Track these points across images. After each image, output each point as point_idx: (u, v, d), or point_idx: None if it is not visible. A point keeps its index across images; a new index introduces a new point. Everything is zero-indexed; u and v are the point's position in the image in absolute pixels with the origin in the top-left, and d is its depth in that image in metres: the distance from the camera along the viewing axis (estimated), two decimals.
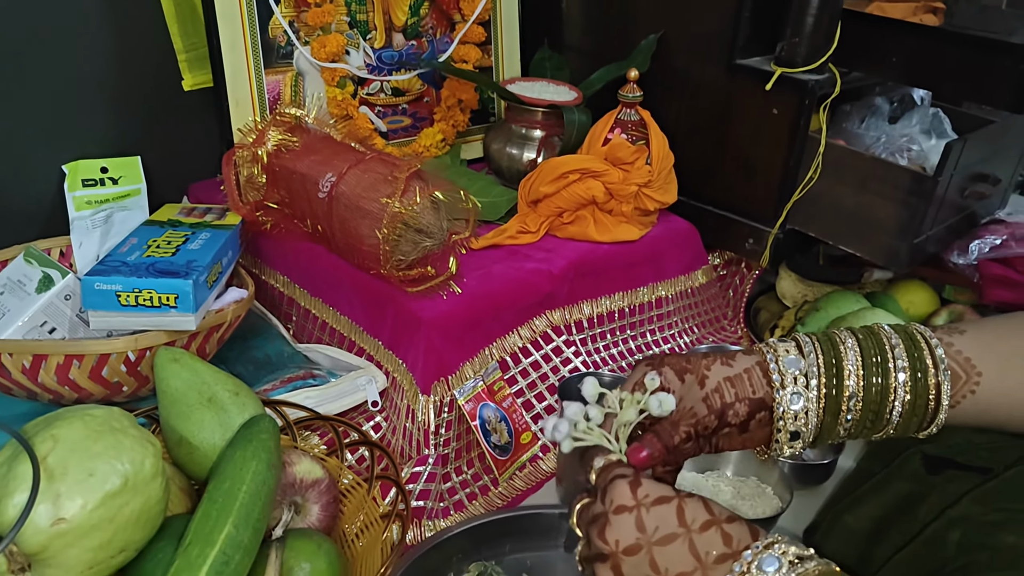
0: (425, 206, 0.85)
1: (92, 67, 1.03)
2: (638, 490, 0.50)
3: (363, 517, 0.75)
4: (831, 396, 0.57)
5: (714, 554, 0.48)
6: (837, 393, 0.57)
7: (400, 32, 1.15)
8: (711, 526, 0.49)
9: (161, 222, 0.93)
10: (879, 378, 0.57)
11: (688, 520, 0.49)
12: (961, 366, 0.58)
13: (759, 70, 1.12)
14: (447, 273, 0.91)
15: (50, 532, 0.53)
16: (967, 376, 0.58)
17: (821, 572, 0.46)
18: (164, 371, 0.71)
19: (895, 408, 0.57)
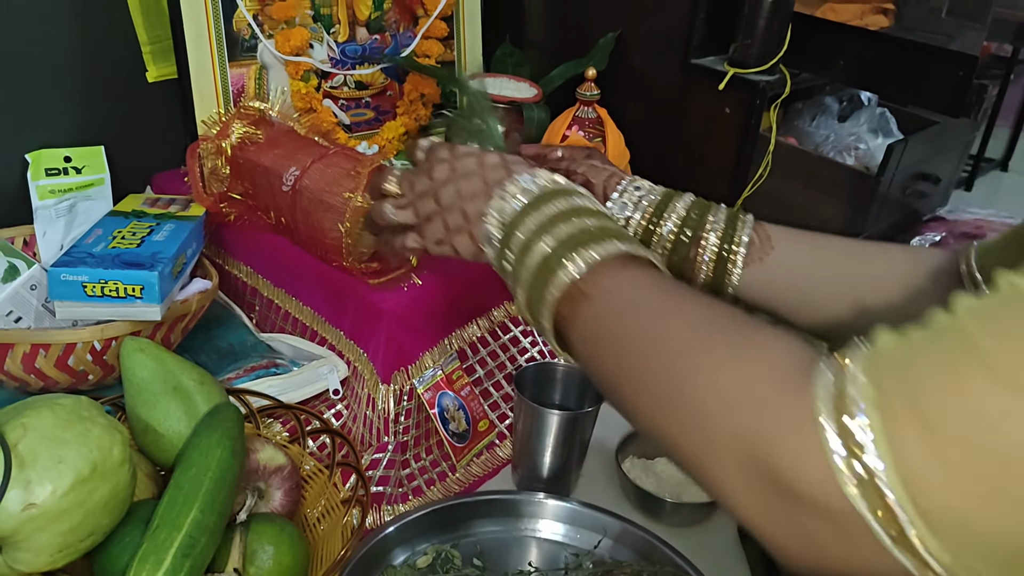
0: None
1: (56, 57, 1.04)
2: (454, 149, 0.68)
3: (324, 502, 0.78)
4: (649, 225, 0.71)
5: (497, 179, 0.63)
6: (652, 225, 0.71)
7: (364, 26, 1.17)
8: (500, 165, 0.65)
9: (126, 213, 0.94)
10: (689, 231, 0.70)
11: (486, 162, 0.66)
12: (761, 238, 0.70)
13: (713, 70, 1.16)
14: (408, 266, 0.93)
15: (21, 517, 0.55)
16: (762, 245, 0.70)
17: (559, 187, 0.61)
18: (130, 360, 0.73)
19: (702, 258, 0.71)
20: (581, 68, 1.17)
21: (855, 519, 0.36)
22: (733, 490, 0.42)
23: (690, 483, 0.92)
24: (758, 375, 0.43)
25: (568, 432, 0.87)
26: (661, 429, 0.47)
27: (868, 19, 1.36)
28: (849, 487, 0.36)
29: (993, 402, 0.34)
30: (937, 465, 0.35)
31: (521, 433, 0.89)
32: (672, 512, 0.87)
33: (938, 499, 0.35)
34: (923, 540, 0.35)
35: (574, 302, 0.54)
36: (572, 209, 0.58)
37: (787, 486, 0.39)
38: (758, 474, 0.40)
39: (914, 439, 0.35)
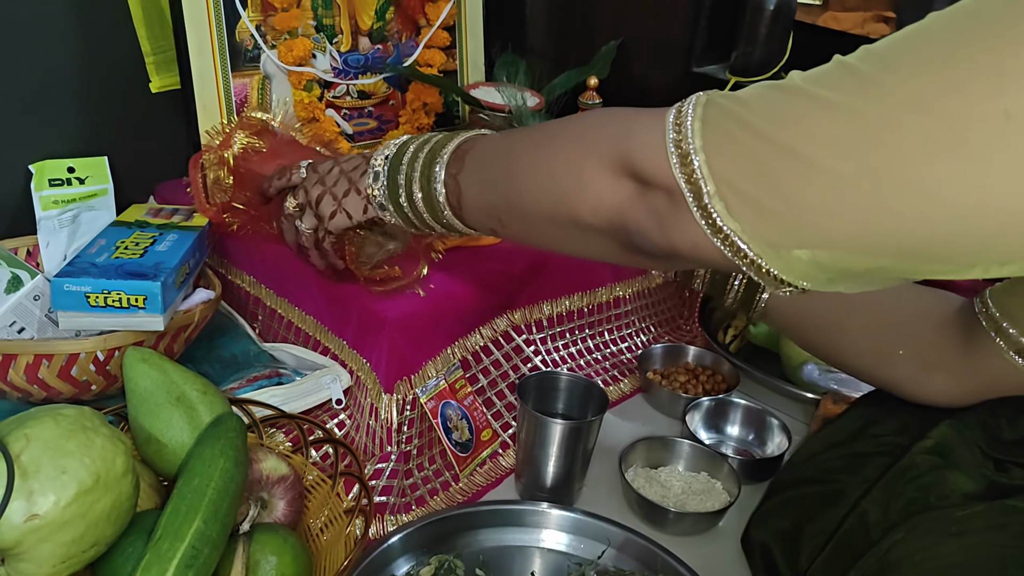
0: None
1: (60, 68, 1.04)
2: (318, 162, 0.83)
3: (327, 512, 0.78)
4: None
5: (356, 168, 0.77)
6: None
7: (366, 36, 1.18)
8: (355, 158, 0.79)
9: (129, 223, 0.94)
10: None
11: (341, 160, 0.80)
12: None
13: (714, 78, 1.17)
14: (415, 275, 0.92)
15: (24, 528, 0.55)
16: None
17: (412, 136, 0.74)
18: (133, 370, 0.73)
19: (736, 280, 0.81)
20: (583, 76, 1.17)
21: (678, 189, 0.51)
22: (605, 188, 0.56)
23: (694, 493, 0.92)
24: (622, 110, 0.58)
25: (571, 441, 0.86)
26: (547, 179, 0.60)
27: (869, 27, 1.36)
28: (675, 164, 0.51)
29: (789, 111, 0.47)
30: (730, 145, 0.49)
31: (524, 442, 0.89)
32: (676, 521, 0.87)
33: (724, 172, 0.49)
34: (713, 204, 0.49)
35: (460, 158, 0.68)
36: (434, 134, 0.73)
37: (639, 171, 0.53)
38: (623, 168, 0.55)
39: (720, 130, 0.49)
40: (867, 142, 0.44)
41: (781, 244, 0.49)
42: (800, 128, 0.47)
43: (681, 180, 0.51)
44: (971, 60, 0.41)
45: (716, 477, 0.94)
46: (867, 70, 0.45)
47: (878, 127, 0.44)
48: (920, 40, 0.45)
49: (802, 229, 0.48)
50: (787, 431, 0.99)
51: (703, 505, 0.90)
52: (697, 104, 0.52)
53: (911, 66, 0.44)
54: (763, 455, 1.01)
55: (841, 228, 0.46)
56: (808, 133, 0.46)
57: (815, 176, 0.46)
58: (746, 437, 1.04)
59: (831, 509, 0.72)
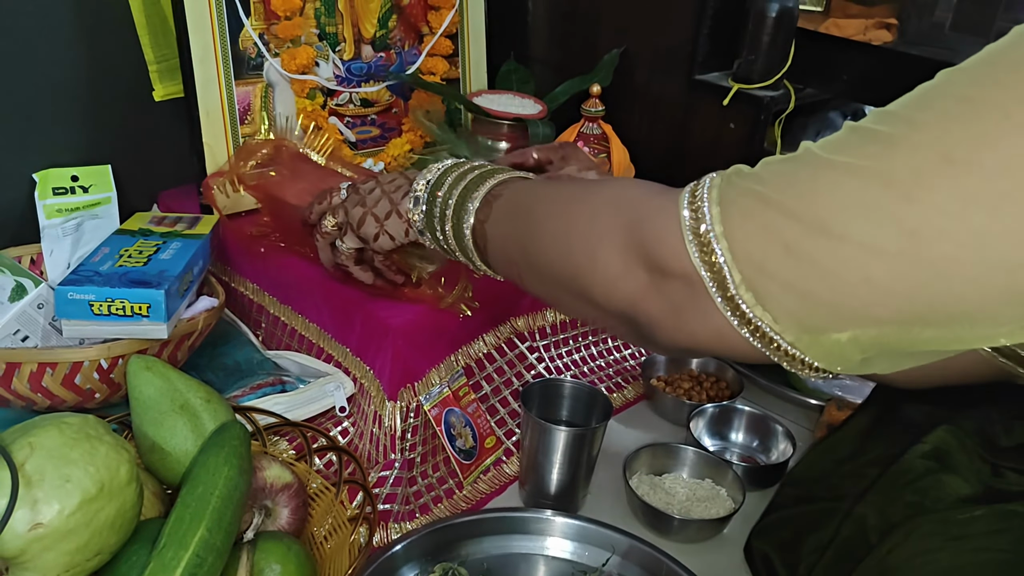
0: None
1: (63, 77, 1.04)
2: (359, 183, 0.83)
3: (331, 520, 0.77)
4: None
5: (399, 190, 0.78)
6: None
7: (369, 44, 1.18)
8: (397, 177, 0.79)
9: (132, 231, 0.94)
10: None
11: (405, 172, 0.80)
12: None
13: (717, 85, 1.17)
14: (459, 291, 0.92)
15: (28, 536, 0.55)
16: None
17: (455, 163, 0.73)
18: (137, 379, 0.73)
19: None
20: (586, 84, 1.17)
21: (698, 279, 0.48)
22: (618, 276, 0.53)
23: (699, 500, 0.92)
24: (639, 188, 0.56)
25: (575, 448, 0.86)
26: (563, 252, 0.58)
27: (871, 34, 1.36)
28: (693, 252, 0.48)
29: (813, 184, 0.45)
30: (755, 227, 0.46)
31: (528, 450, 0.89)
32: (680, 528, 0.87)
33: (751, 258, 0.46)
34: (740, 294, 0.46)
35: (488, 204, 0.67)
36: (476, 166, 0.72)
37: (654, 260, 0.51)
38: (636, 256, 0.52)
39: (742, 213, 0.47)
40: (903, 205, 0.41)
41: (819, 328, 0.46)
42: (828, 200, 0.44)
43: (702, 269, 0.48)
44: (1001, 111, 0.40)
45: (720, 484, 0.93)
46: (889, 131, 0.43)
47: (912, 188, 0.41)
48: (939, 96, 0.43)
49: (842, 309, 0.44)
50: (791, 438, 0.99)
51: (707, 512, 0.90)
52: (712, 186, 0.49)
53: (937, 122, 0.42)
54: (767, 462, 1.01)
55: (885, 301, 0.43)
56: (837, 204, 0.43)
57: (851, 250, 0.43)
58: (750, 444, 1.04)
59: (831, 518, 0.72)
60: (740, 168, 0.50)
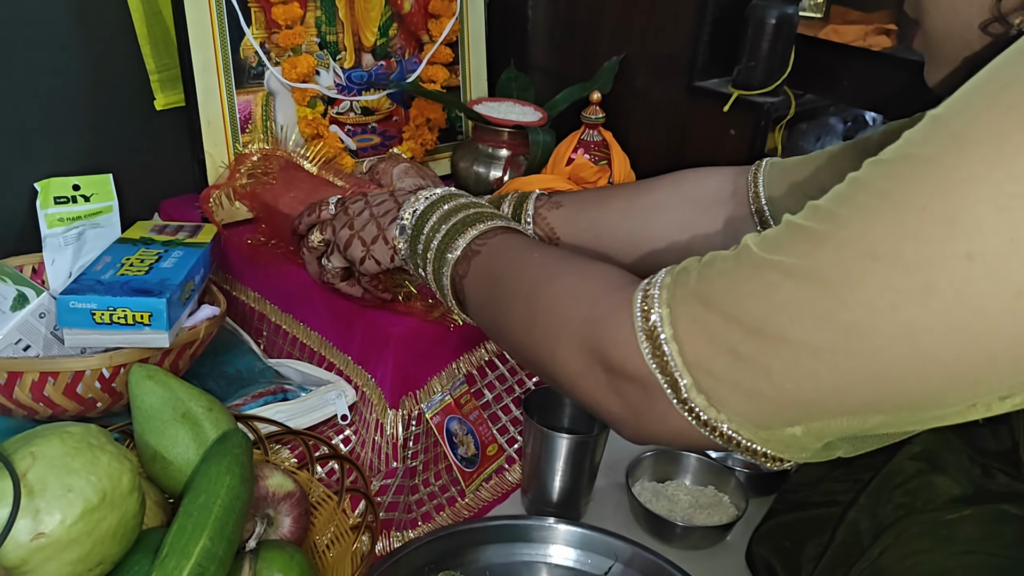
0: None
1: (65, 86, 1.05)
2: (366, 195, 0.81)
3: (333, 529, 0.77)
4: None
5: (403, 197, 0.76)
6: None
7: (369, 53, 1.18)
8: (405, 191, 0.77)
9: (134, 240, 0.94)
10: None
11: (394, 192, 0.79)
12: (547, 233, 0.82)
13: (717, 92, 1.17)
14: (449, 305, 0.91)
15: (30, 546, 0.55)
16: (550, 240, 0.81)
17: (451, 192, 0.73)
18: (138, 387, 0.73)
19: None
20: (586, 91, 1.17)
21: (653, 381, 0.48)
22: (578, 374, 0.53)
23: (701, 507, 0.91)
24: (596, 281, 0.56)
25: (578, 456, 0.86)
26: (527, 340, 0.59)
27: (871, 40, 1.36)
28: (647, 355, 0.48)
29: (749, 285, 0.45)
30: (700, 331, 0.46)
31: (530, 457, 0.89)
32: (683, 536, 0.87)
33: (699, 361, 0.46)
34: (692, 396, 0.47)
35: (468, 259, 0.66)
36: (463, 204, 0.72)
37: (610, 361, 0.51)
38: (593, 356, 0.52)
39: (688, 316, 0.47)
40: (833, 303, 0.42)
41: (772, 424, 0.46)
42: (764, 303, 0.44)
43: (656, 371, 0.48)
44: (920, 207, 0.39)
45: (723, 491, 0.93)
46: (818, 228, 0.43)
47: (841, 285, 0.41)
48: (863, 191, 0.42)
49: (791, 406, 0.45)
50: None
51: (710, 519, 0.89)
52: (663, 286, 0.49)
53: (861, 218, 0.42)
54: (770, 469, 1.00)
55: (829, 397, 0.44)
56: (772, 306, 0.44)
57: (790, 351, 0.43)
58: None
59: (827, 523, 0.72)
60: (688, 266, 0.50)
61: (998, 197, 0.37)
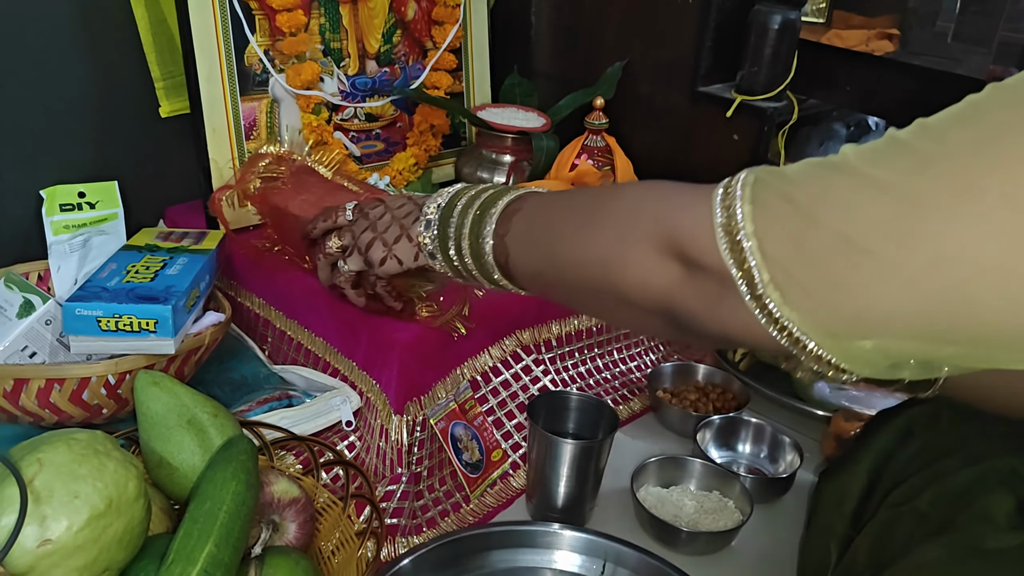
0: None
1: (70, 93, 1.05)
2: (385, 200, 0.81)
3: (339, 534, 0.77)
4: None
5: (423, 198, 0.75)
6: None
7: (373, 59, 1.18)
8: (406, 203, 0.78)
9: (139, 247, 0.95)
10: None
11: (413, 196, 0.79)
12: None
13: (720, 97, 1.17)
14: (455, 311, 0.91)
15: (37, 553, 0.55)
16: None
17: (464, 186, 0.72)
18: (144, 394, 0.73)
19: None
20: (589, 97, 1.18)
21: (728, 275, 0.48)
22: (650, 271, 0.53)
23: (706, 512, 0.91)
24: (663, 186, 0.55)
25: (582, 461, 0.86)
26: (589, 256, 0.57)
27: (873, 44, 1.36)
28: (724, 249, 0.48)
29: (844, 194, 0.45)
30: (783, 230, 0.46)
31: (535, 462, 0.89)
32: (688, 541, 0.87)
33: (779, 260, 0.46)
34: (768, 293, 0.46)
35: (508, 219, 0.66)
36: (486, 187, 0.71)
37: (686, 252, 0.50)
38: (669, 250, 0.52)
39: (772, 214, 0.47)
40: (929, 227, 0.41)
41: (843, 335, 0.45)
42: (855, 213, 0.44)
43: (732, 266, 0.48)
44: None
45: (728, 496, 0.93)
46: (923, 148, 0.43)
47: (940, 211, 0.41)
48: (978, 116, 0.42)
49: (864, 320, 0.44)
50: (799, 449, 0.99)
51: (716, 524, 0.89)
52: (745, 184, 0.49)
53: (971, 145, 0.41)
54: (775, 474, 1.00)
55: (907, 318, 0.43)
56: (864, 219, 0.43)
57: (874, 264, 0.43)
58: (758, 455, 1.03)
59: None
60: (775, 168, 0.49)
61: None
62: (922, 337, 0.44)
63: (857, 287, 0.44)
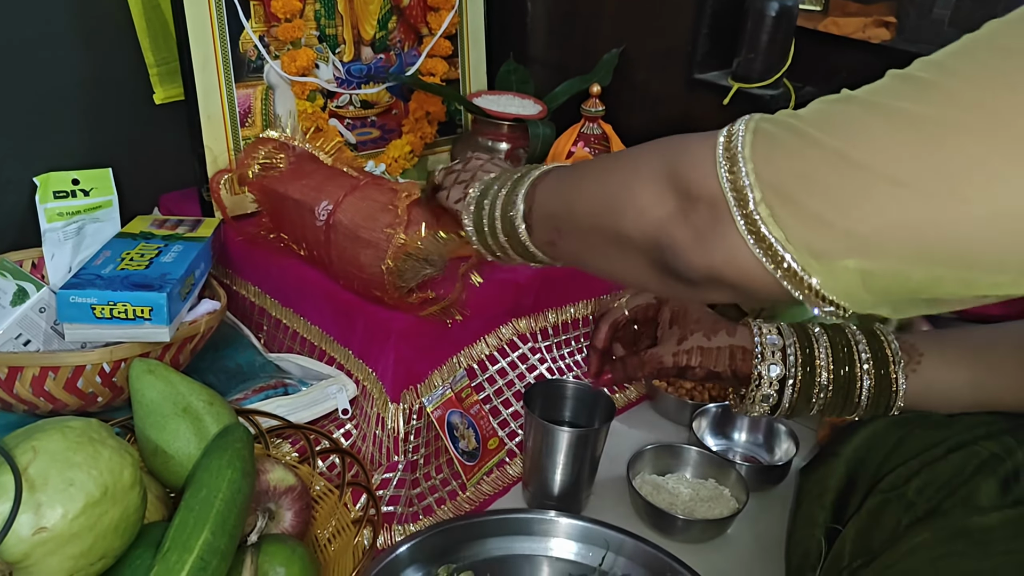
0: (428, 238, 0.84)
1: (64, 80, 1.04)
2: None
3: (335, 522, 0.77)
4: (804, 380, 0.75)
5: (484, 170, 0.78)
6: (810, 378, 0.75)
7: (368, 46, 1.18)
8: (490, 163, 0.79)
9: (134, 234, 0.94)
10: (846, 367, 0.74)
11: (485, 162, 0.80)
12: (906, 350, 0.74)
13: (717, 85, 1.16)
14: (452, 298, 0.91)
15: (32, 541, 0.55)
16: (910, 357, 0.74)
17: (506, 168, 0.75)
18: (139, 382, 0.73)
19: (862, 393, 0.74)
20: (586, 84, 1.17)
21: (722, 200, 0.50)
22: (648, 204, 0.56)
23: (702, 500, 0.91)
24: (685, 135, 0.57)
25: (579, 449, 0.86)
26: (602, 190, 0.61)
27: (870, 32, 1.36)
28: (723, 172, 0.50)
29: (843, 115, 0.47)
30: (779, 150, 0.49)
31: (532, 451, 0.89)
32: (684, 529, 0.87)
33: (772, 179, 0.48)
34: (758, 210, 0.48)
35: (534, 187, 0.69)
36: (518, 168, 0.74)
37: (685, 183, 0.53)
38: (669, 180, 0.54)
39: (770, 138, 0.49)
40: (929, 145, 0.43)
41: (828, 253, 0.47)
42: (855, 132, 0.46)
43: (727, 188, 0.50)
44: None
45: (724, 484, 0.93)
46: (927, 76, 0.45)
47: (940, 130, 0.43)
48: (979, 46, 0.44)
49: (852, 236, 0.46)
50: (795, 437, 0.99)
51: (711, 512, 0.89)
52: (751, 119, 0.52)
53: (972, 69, 0.44)
54: (771, 462, 1.01)
55: (895, 234, 0.45)
56: (864, 138, 0.45)
57: (869, 180, 0.45)
58: (753, 443, 1.04)
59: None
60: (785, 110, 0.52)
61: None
62: (909, 257, 0.45)
63: (848, 202, 0.46)
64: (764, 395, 0.76)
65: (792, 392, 0.76)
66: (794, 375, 0.75)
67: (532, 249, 0.70)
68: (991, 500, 0.65)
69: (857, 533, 0.70)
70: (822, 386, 0.75)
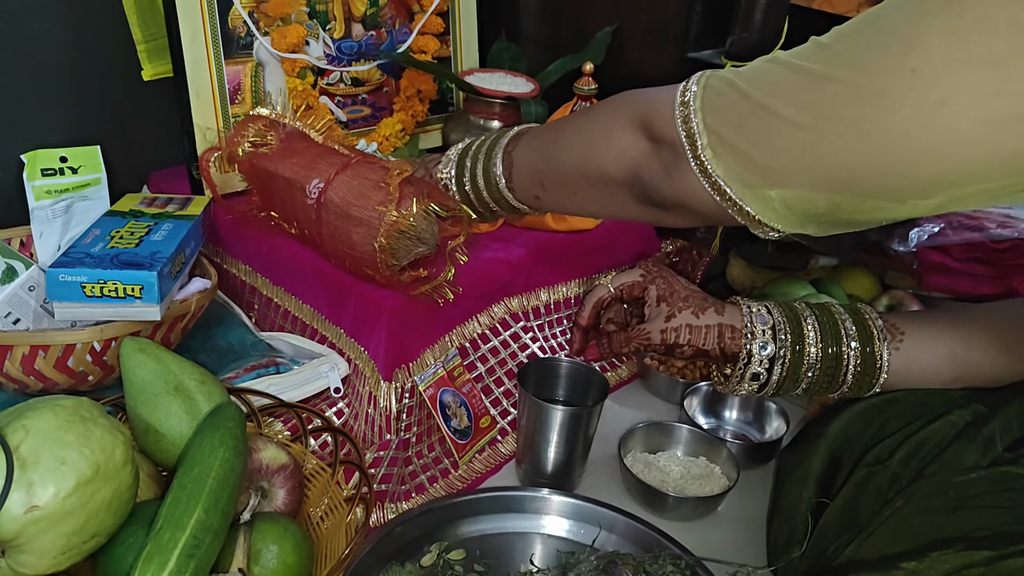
0: (420, 215, 0.83)
1: (51, 57, 1.03)
2: None
3: (327, 501, 0.77)
4: (793, 359, 0.76)
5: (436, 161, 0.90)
6: (799, 357, 0.76)
7: (359, 23, 1.17)
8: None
9: (123, 212, 0.94)
10: (834, 346, 0.76)
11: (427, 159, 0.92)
12: (888, 329, 0.77)
13: (710, 63, 1.16)
14: (443, 276, 0.90)
15: (24, 519, 0.55)
16: (892, 335, 0.77)
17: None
18: (130, 361, 0.73)
19: (848, 371, 0.76)
20: (578, 62, 1.16)
21: (680, 144, 0.63)
22: (628, 144, 0.69)
23: (693, 478, 0.92)
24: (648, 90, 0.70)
25: (572, 427, 0.86)
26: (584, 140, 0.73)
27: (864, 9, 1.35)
28: (679, 122, 0.63)
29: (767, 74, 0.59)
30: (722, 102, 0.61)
31: (525, 429, 0.89)
32: (675, 506, 0.87)
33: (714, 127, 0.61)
34: (705, 153, 0.61)
35: (517, 138, 0.81)
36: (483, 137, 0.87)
37: (653, 129, 0.66)
38: (642, 128, 0.68)
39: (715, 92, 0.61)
40: (815, 93, 0.55)
41: (755, 185, 0.59)
42: (771, 87, 0.57)
43: (683, 135, 0.62)
44: (892, 29, 0.52)
45: (715, 462, 0.94)
46: (827, 41, 0.56)
47: (823, 81, 0.54)
48: (867, 16, 0.54)
49: (768, 171, 0.58)
50: (785, 415, 0.99)
51: (702, 490, 0.90)
52: (703, 76, 0.64)
53: (854, 33, 0.55)
54: (761, 439, 1.01)
55: (797, 167, 0.57)
56: (776, 90, 0.57)
57: (778, 124, 0.56)
58: (744, 422, 1.04)
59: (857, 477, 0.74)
60: (733, 68, 0.63)
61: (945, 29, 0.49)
62: (810, 186, 0.57)
63: (764, 142, 0.58)
64: (753, 373, 0.77)
65: (781, 370, 0.76)
66: (783, 354, 0.76)
67: (517, 204, 0.82)
68: (971, 461, 0.69)
69: (844, 503, 0.71)
70: (810, 364, 0.76)
